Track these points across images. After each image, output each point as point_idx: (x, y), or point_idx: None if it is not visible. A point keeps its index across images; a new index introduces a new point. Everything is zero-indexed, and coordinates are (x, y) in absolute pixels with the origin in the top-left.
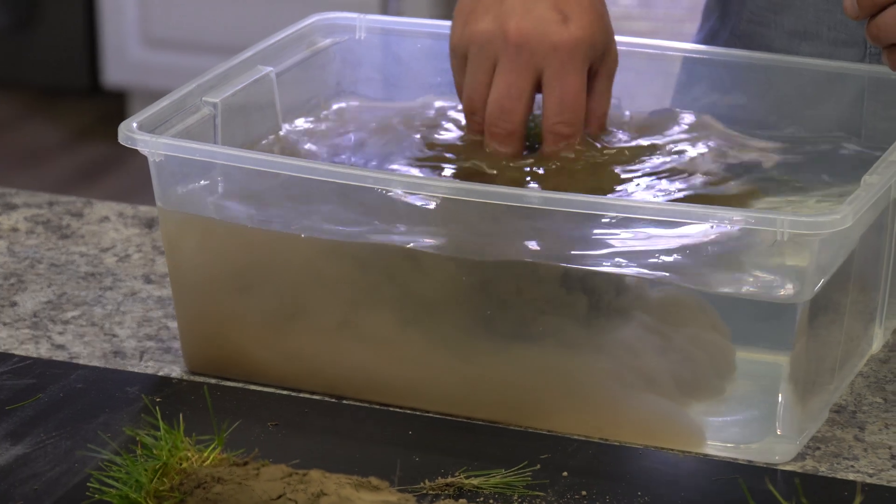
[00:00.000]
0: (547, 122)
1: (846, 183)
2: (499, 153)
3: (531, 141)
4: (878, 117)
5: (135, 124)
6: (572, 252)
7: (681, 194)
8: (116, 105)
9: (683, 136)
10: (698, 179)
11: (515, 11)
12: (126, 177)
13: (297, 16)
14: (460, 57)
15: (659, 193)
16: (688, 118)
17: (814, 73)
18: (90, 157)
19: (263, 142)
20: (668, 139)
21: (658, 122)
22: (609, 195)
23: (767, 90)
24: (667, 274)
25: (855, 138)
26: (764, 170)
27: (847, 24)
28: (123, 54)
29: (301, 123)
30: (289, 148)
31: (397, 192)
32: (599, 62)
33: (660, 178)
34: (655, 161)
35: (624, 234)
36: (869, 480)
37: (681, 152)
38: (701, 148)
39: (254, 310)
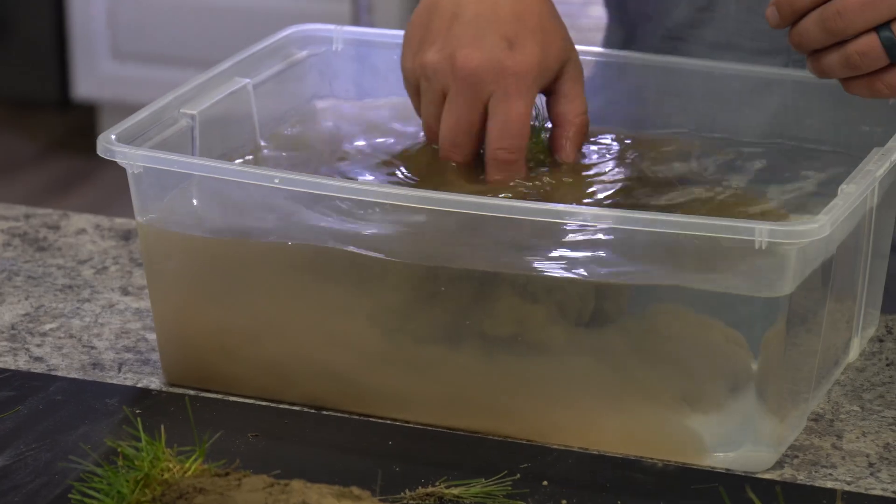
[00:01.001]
0: (489, 149)
1: (784, 186)
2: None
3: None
4: (803, 123)
5: (113, 136)
6: (544, 261)
7: (664, 200)
8: (87, 118)
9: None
10: (677, 188)
11: (463, 41)
12: (97, 190)
13: (265, 29)
14: (413, 85)
15: (643, 198)
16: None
17: (740, 79)
18: (61, 171)
19: (242, 158)
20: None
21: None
22: (575, 204)
23: (694, 96)
24: (645, 281)
25: (783, 142)
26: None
27: (770, 33)
28: (93, 67)
29: (278, 133)
30: (267, 158)
31: (372, 202)
32: (557, 79)
33: (644, 186)
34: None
35: (594, 239)
36: (847, 488)
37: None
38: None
39: (233, 321)
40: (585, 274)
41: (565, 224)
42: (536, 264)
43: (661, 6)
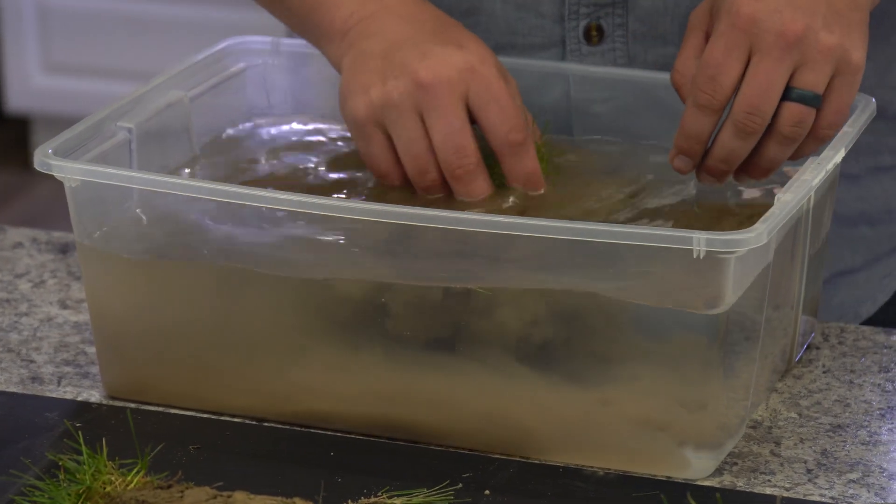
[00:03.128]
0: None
1: None
2: (472, 195)
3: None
4: (586, 113)
5: (50, 150)
6: (485, 271)
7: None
8: (19, 131)
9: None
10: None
11: (414, 60)
12: (31, 204)
13: (200, 41)
14: (371, 130)
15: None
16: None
17: (521, 73)
18: None
19: (186, 170)
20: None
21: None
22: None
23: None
24: (586, 291)
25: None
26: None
27: (542, 27)
28: (25, 80)
29: (216, 145)
30: (205, 169)
31: (309, 214)
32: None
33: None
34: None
35: (535, 249)
36: (786, 494)
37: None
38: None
39: (172, 335)
40: (529, 285)
41: (507, 235)
42: (477, 274)
43: None
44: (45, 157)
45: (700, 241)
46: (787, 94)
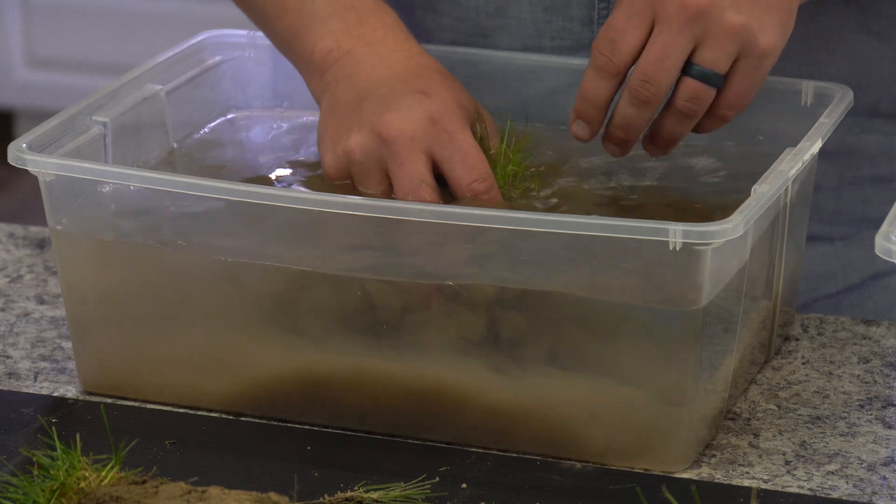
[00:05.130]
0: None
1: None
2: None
3: None
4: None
5: (24, 144)
6: (457, 266)
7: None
8: (2, 126)
9: None
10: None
11: (378, 112)
12: (12, 199)
13: (184, 34)
14: (341, 182)
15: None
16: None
17: (548, 71)
18: None
19: (156, 157)
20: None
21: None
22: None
23: (509, 89)
24: (563, 286)
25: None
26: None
27: (571, 29)
28: (8, 75)
29: (193, 139)
30: (183, 164)
31: (277, 207)
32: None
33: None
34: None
35: (510, 242)
36: (764, 486)
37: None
38: None
39: (148, 328)
40: (502, 278)
41: (483, 227)
42: (449, 268)
43: (448, 17)
44: (19, 152)
45: (676, 232)
46: (688, 70)
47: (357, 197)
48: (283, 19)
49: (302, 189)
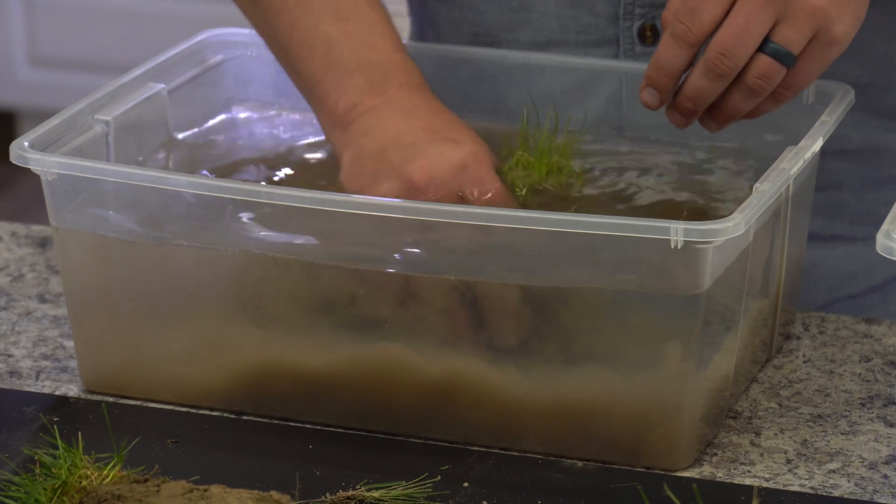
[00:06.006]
0: None
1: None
2: None
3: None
4: (638, 112)
5: (26, 143)
6: (469, 264)
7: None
8: (5, 126)
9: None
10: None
11: (404, 159)
12: (14, 197)
13: (187, 33)
14: None
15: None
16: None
17: (571, 71)
18: None
19: (158, 156)
20: None
21: None
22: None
23: (524, 89)
24: (564, 282)
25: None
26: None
27: (596, 25)
28: (10, 74)
29: (195, 137)
30: (185, 163)
31: (279, 205)
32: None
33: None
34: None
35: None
36: (765, 485)
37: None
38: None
39: (150, 327)
40: (503, 275)
41: (490, 227)
42: (463, 267)
43: (469, 11)
44: (22, 151)
45: (678, 231)
46: (762, 47)
47: (361, 196)
48: (307, 63)
49: (303, 189)
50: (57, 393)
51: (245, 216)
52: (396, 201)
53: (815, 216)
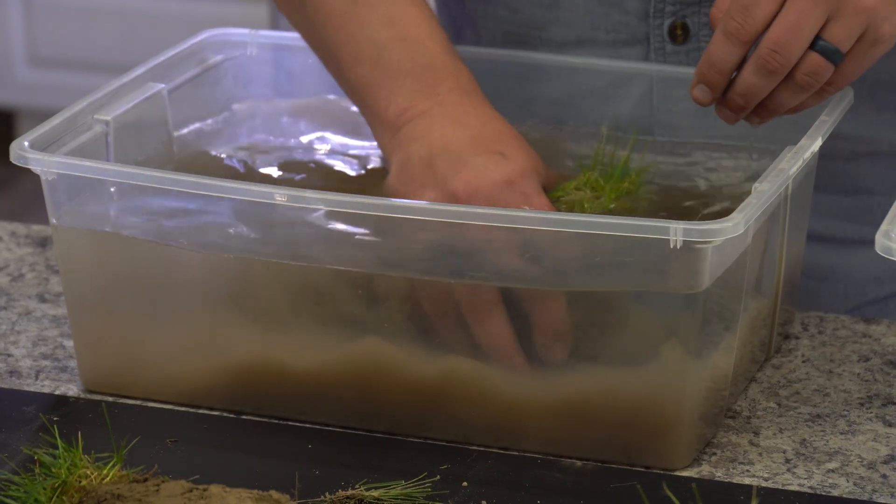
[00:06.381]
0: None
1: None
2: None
3: None
4: (668, 113)
5: (26, 143)
6: (463, 264)
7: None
8: (5, 126)
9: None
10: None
11: (450, 170)
12: (14, 197)
13: (186, 33)
14: None
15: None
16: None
17: (599, 73)
18: None
19: (158, 156)
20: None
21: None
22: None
23: (555, 90)
24: (560, 280)
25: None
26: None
27: (627, 23)
28: (10, 74)
29: (195, 137)
30: (183, 162)
31: (283, 206)
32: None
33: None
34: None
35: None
36: (764, 484)
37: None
38: None
39: (150, 326)
40: (503, 275)
41: (488, 227)
42: (455, 267)
43: (503, 8)
44: (22, 151)
45: (677, 231)
46: (812, 45)
47: (362, 196)
48: (356, 68)
49: (305, 189)
50: (56, 392)
51: (245, 216)
52: (389, 201)
53: (846, 220)
